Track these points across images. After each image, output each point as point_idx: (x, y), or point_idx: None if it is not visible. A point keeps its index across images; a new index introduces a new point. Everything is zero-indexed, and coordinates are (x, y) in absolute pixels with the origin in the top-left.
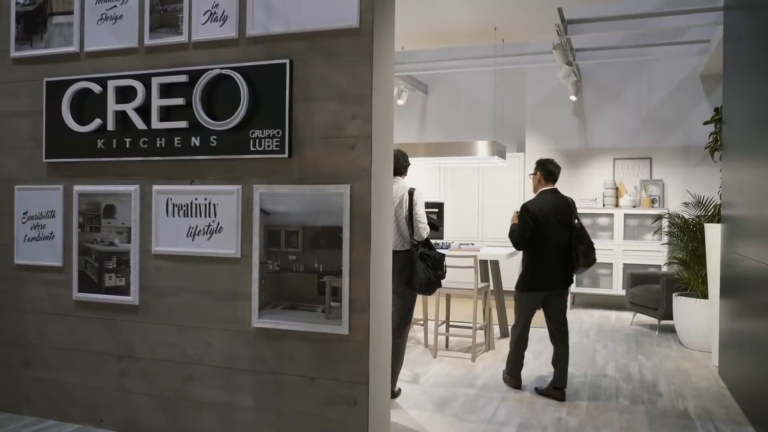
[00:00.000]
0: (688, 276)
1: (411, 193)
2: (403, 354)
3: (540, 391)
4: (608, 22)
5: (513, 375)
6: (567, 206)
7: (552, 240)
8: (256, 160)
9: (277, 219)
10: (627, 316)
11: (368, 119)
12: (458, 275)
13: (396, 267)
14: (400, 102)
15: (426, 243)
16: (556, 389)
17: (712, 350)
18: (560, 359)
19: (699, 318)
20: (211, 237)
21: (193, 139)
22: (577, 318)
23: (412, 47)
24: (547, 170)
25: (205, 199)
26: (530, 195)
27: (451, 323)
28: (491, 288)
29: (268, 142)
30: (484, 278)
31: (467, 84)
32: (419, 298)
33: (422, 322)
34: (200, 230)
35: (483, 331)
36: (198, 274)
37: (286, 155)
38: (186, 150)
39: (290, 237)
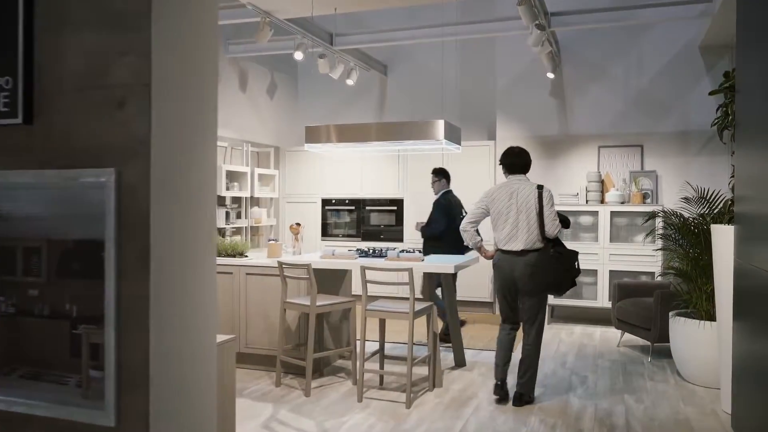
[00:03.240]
0: (689, 291)
1: (540, 188)
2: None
3: None
4: None
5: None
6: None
7: None
8: None
9: (11, 227)
10: (613, 334)
11: (145, 56)
12: (400, 290)
13: (522, 267)
14: (350, 82)
15: (558, 241)
16: None
17: (721, 387)
18: None
19: (704, 345)
20: None
21: None
22: (554, 336)
23: (345, 8)
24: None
25: None
26: None
27: (386, 354)
28: (438, 307)
29: None
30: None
31: (431, 63)
32: (342, 319)
33: (349, 353)
34: None
35: (427, 365)
36: None
37: (19, 120)
38: None
39: (30, 258)
